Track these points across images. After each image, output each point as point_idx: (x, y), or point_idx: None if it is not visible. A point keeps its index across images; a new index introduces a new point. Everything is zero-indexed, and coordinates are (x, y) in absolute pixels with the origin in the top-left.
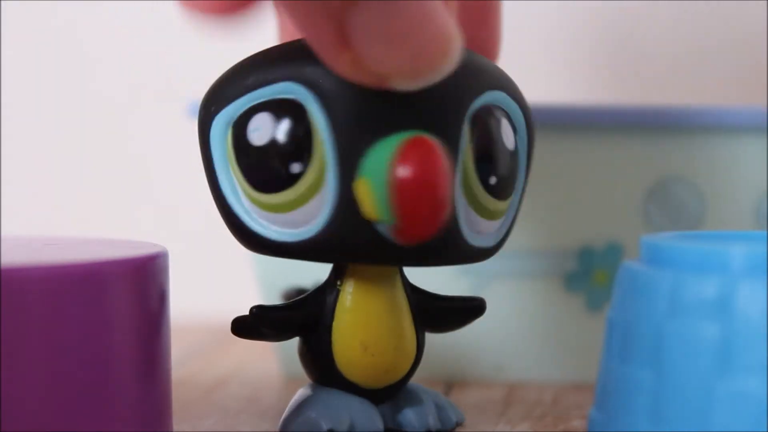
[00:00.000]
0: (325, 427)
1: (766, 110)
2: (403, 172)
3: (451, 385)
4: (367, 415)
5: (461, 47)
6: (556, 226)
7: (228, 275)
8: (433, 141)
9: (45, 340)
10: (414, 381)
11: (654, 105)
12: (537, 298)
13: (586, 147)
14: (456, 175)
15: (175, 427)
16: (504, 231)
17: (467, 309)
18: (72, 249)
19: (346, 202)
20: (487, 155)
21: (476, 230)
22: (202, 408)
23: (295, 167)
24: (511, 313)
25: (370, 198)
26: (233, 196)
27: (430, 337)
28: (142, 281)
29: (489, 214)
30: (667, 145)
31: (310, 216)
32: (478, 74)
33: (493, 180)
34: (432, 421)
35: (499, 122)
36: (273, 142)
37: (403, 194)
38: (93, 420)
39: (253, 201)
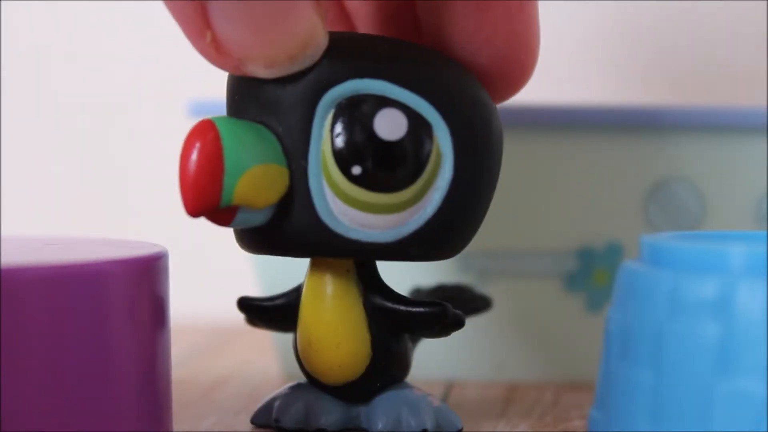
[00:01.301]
0: (273, 416)
1: (766, 110)
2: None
3: (451, 385)
4: (320, 408)
5: (324, 42)
6: (555, 226)
7: (228, 275)
8: (210, 123)
9: (45, 340)
10: (414, 381)
11: (654, 105)
12: (537, 298)
13: (586, 147)
14: (309, 162)
15: (175, 427)
16: (414, 227)
17: (425, 315)
18: (72, 249)
19: None
20: (347, 145)
21: (359, 223)
22: (202, 408)
23: None
24: (511, 313)
25: None
26: None
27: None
28: (142, 281)
29: (372, 208)
30: (667, 145)
31: None
32: (345, 61)
33: (356, 170)
34: (401, 425)
35: (371, 111)
36: None
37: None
38: (93, 420)
39: None
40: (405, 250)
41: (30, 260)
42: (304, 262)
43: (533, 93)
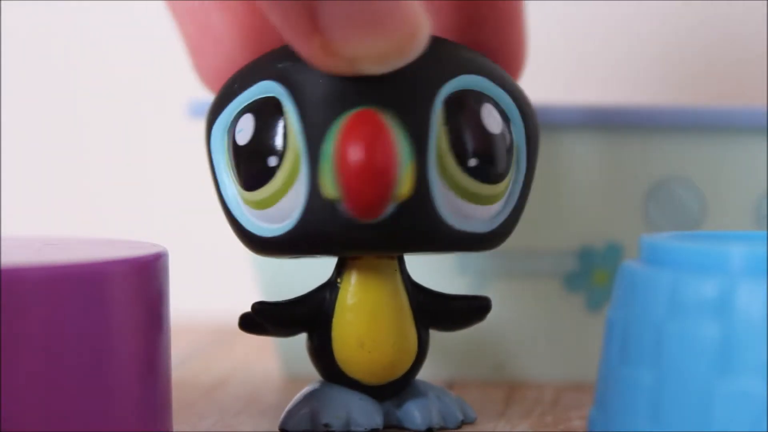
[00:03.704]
0: (321, 422)
1: (766, 110)
2: (343, 142)
3: (451, 385)
4: (365, 410)
5: (429, 33)
6: (556, 226)
7: (228, 275)
8: (379, 114)
9: (45, 340)
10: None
11: (654, 105)
12: (537, 298)
13: (586, 147)
14: (428, 156)
15: (175, 427)
16: (503, 219)
17: (470, 308)
18: (72, 249)
19: (316, 191)
20: (463, 137)
21: (463, 214)
22: (202, 408)
23: (272, 161)
24: (511, 313)
25: (323, 176)
26: (233, 200)
27: (430, 336)
28: (142, 281)
29: (476, 198)
30: (667, 145)
31: (290, 208)
32: (451, 59)
33: (472, 162)
34: (435, 419)
35: (479, 106)
36: (252, 140)
37: (343, 165)
38: (93, 420)
39: (245, 201)
40: (493, 240)
41: (30, 260)
42: (304, 262)
43: (533, 93)
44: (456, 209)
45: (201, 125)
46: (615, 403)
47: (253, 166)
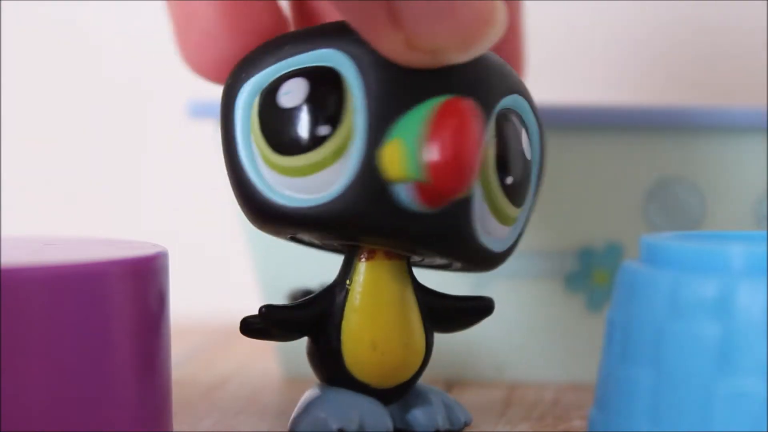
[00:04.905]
0: (334, 426)
1: (766, 110)
2: (441, 127)
3: (451, 385)
4: (377, 414)
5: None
6: (556, 226)
7: (228, 275)
8: (473, 105)
9: (45, 340)
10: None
11: (654, 105)
12: (537, 298)
13: (586, 147)
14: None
15: (175, 427)
16: (511, 242)
17: (474, 309)
18: (72, 249)
19: (369, 170)
20: (506, 155)
21: (486, 228)
22: (202, 408)
23: (323, 130)
24: (511, 313)
25: (400, 156)
26: (250, 165)
27: None
28: (142, 281)
29: (501, 217)
30: (667, 145)
31: (330, 181)
32: (507, 76)
33: (509, 180)
34: (441, 421)
35: (519, 127)
36: (303, 104)
37: (437, 150)
38: (93, 420)
39: (272, 166)
40: (496, 262)
41: (30, 260)
42: (304, 263)
43: (533, 92)
44: (483, 221)
45: (201, 125)
46: (615, 403)
47: (298, 131)
